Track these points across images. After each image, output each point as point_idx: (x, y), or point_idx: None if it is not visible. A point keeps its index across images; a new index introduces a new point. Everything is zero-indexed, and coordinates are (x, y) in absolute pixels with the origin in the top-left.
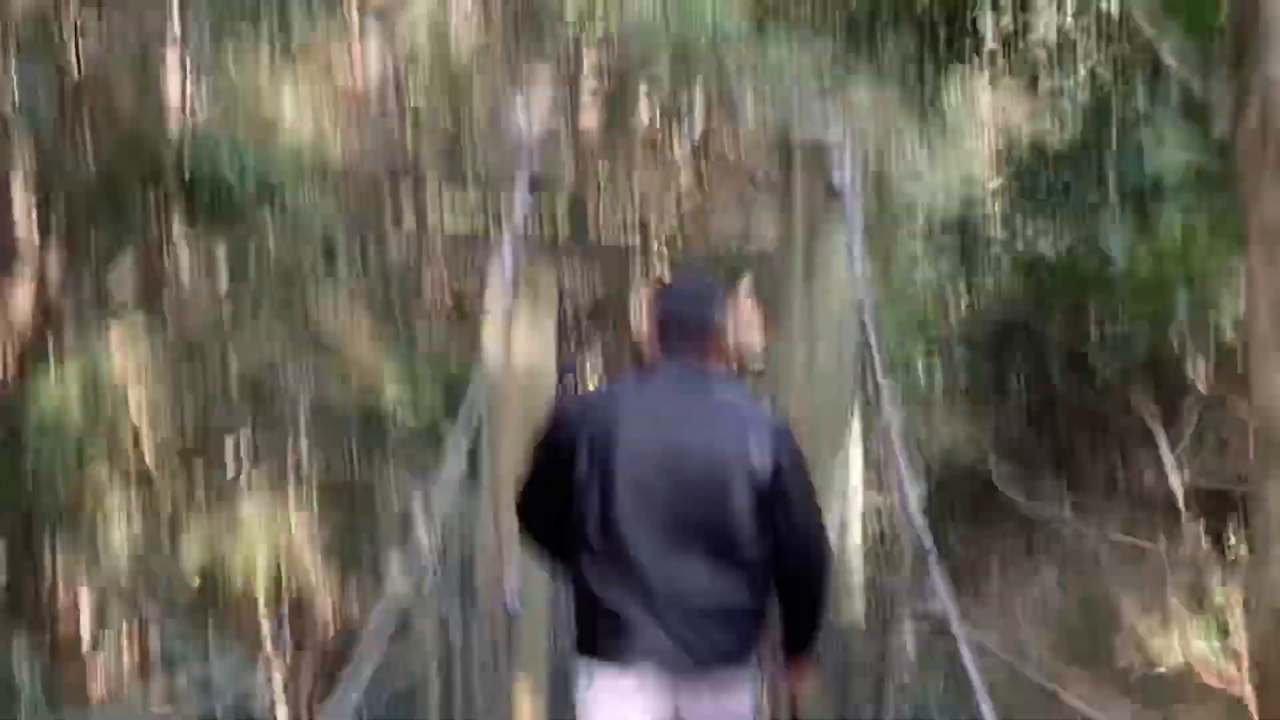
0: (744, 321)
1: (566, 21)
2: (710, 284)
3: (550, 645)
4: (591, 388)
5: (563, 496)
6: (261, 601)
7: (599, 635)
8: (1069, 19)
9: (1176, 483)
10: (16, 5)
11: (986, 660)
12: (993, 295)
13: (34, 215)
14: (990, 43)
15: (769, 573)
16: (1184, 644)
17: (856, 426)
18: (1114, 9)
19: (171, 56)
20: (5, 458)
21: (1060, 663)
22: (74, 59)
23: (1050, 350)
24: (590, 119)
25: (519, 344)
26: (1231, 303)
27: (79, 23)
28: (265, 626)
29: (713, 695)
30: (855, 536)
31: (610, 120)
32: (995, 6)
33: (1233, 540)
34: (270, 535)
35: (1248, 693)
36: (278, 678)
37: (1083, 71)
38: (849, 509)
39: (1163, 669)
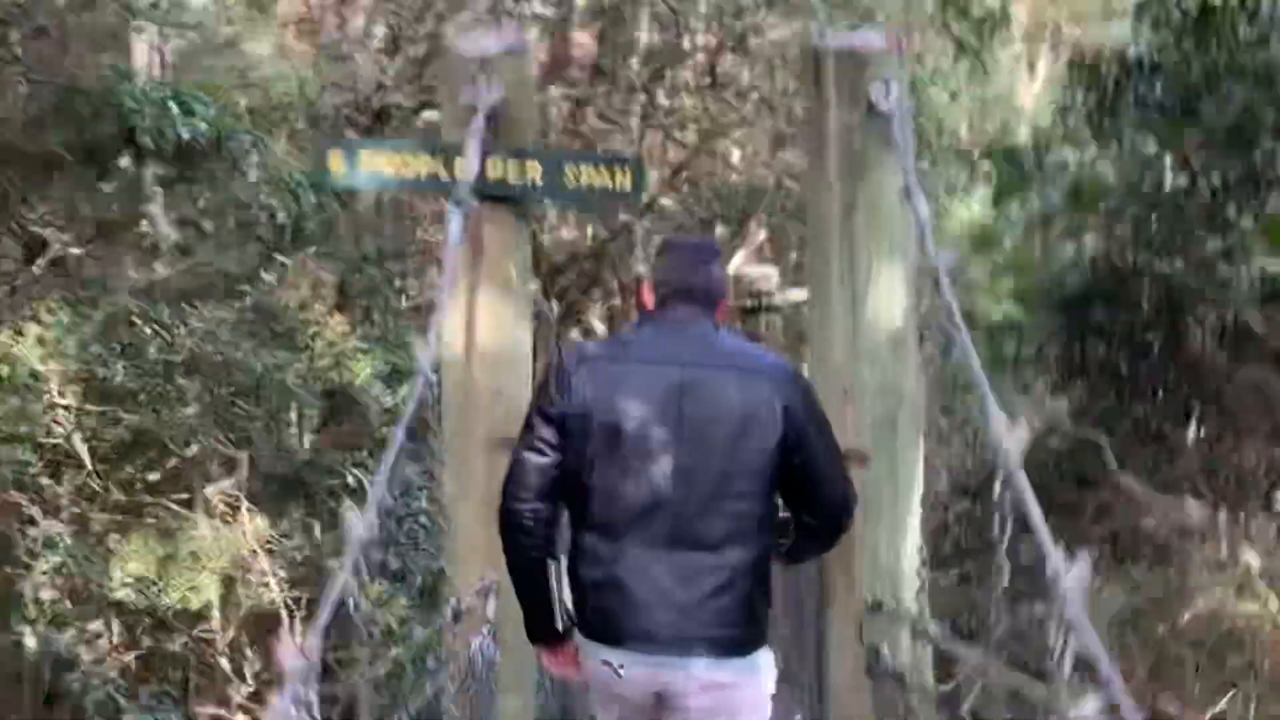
0: (755, 261)
1: None
2: (709, 245)
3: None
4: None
5: (559, 459)
6: (216, 627)
7: (590, 611)
8: None
9: None
10: None
11: None
12: (1070, 238)
13: None
14: None
15: (772, 536)
16: None
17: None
18: None
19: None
20: None
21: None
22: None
23: (1146, 306)
24: (583, 40)
25: (483, 315)
26: None
27: None
28: (220, 657)
29: (704, 681)
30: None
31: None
32: None
33: None
34: (223, 551)
35: None
36: None
37: None
38: (907, 524)
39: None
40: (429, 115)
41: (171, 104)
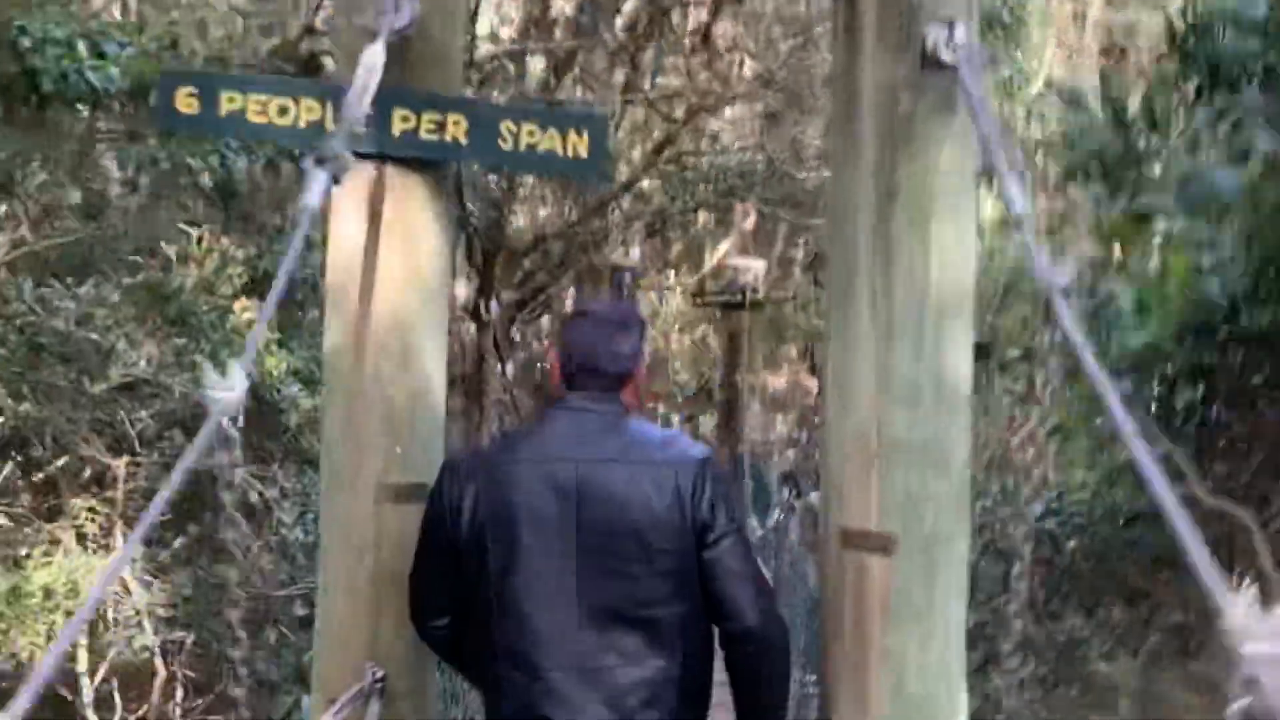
0: (743, 257)
1: None
2: (625, 314)
3: None
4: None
5: (457, 573)
6: (85, 690)
7: None
8: None
9: None
10: None
11: None
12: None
13: None
14: None
15: (704, 641)
16: None
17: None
18: None
19: None
20: None
21: None
22: None
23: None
24: None
25: (377, 312)
26: None
27: None
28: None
29: None
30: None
31: None
32: None
33: None
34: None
35: None
36: None
37: None
38: (946, 634)
39: None
40: None
41: (80, 45)
